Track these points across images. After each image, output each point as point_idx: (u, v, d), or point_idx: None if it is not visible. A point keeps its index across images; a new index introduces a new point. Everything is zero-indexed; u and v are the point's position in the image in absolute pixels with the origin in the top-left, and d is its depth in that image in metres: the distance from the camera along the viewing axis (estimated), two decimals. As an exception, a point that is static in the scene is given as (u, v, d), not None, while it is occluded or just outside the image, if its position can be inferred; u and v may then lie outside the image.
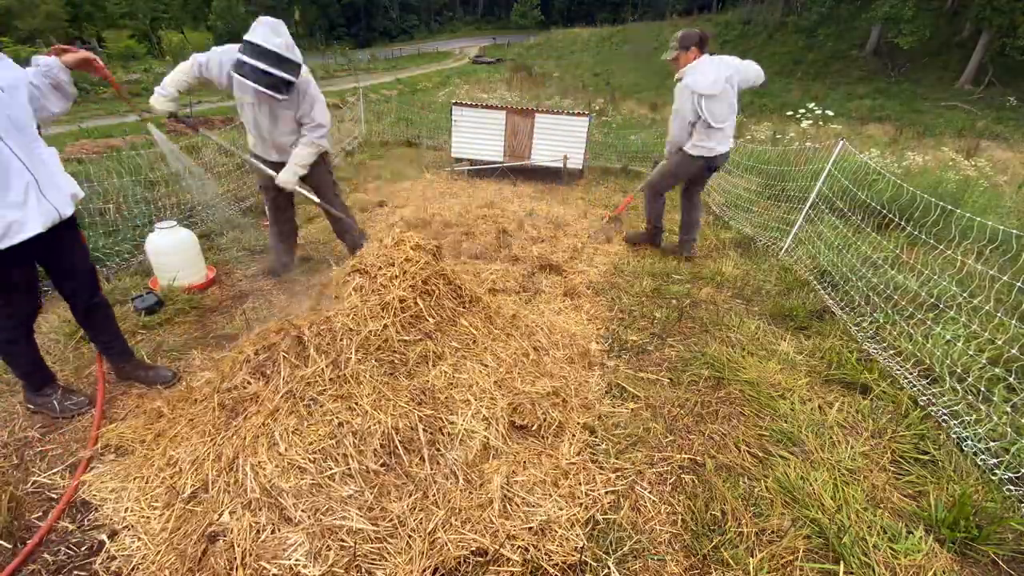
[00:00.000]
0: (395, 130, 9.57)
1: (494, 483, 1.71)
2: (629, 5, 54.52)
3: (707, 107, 3.44)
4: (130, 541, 1.56)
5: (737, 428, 2.21)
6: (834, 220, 4.08)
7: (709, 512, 1.77)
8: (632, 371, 2.58)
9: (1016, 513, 1.79)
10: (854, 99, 19.99)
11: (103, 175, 4.03)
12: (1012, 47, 19.30)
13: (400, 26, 55.13)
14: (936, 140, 12.94)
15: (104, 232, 3.65)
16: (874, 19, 22.85)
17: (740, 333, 2.97)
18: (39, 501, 1.73)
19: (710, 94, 3.42)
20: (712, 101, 3.44)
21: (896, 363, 2.64)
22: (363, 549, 1.47)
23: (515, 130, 6.71)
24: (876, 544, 1.64)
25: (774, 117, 15.05)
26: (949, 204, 3.11)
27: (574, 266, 3.92)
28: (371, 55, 34.21)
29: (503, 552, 1.54)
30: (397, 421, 1.77)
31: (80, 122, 10.13)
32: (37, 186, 1.75)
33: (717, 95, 3.43)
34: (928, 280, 2.98)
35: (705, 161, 3.68)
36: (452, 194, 6.03)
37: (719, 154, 3.65)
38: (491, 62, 32.72)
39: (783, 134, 10.03)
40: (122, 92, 2.72)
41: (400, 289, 2.09)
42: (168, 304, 3.00)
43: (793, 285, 3.60)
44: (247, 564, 1.44)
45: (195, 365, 2.51)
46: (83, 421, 2.11)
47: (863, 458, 2.04)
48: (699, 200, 4.06)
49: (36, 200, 1.75)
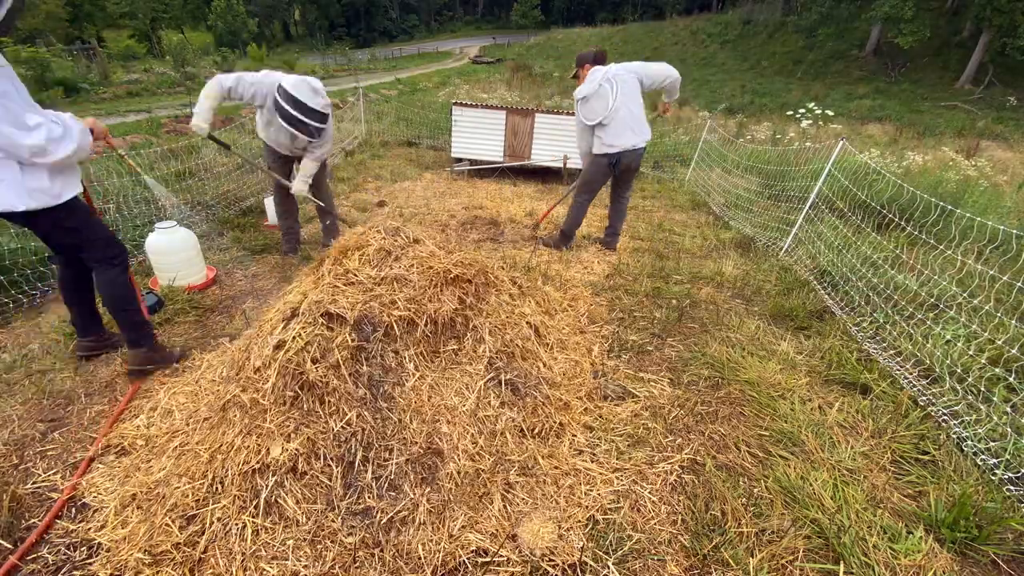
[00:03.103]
0: (395, 130, 9.57)
1: (495, 482, 1.71)
2: (629, 5, 54.51)
3: (584, 109, 3.74)
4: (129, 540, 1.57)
5: (737, 428, 2.21)
6: (834, 220, 4.08)
7: (709, 512, 1.77)
8: (632, 371, 2.58)
9: (1016, 513, 1.79)
10: (854, 99, 19.99)
11: (103, 175, 4.03)
12: (1012, 47, 19.29)
13: (400, 26, 55.16)
14: (936, 140, 12.94)
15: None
16: (874, 19, 22.85)
17: (740, 333, 2.97)
18: (39, 501, 1.73)
19: (584, 96, 3.72)
20: (588, 102, 3.71)
21: (896, 363, 2.64)
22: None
23: (515, 130, 6.71)
24: (876, 544, 1.64)
25: (774, 117, 15.06)
26: (949, 204, 3.11)
27: (573, 267, 3.92)
28: (371, 55, 34.23)
29: (503, 552, 1.55)
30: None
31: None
32: None
33: (591, 96, 3.69)
34: (928, 280, 2.98)
35: (608, 158, 3.80)
36: (452, 194, 6.03)
37: (622, 150, 3.73)
38: (491, 62, 32.72)
39: (783, 134, 10.03)
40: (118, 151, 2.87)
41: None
42: (168, 304, 3.00)
43: (793, 285, 3.60)
44: (246, 566, 1.45)
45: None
46: (83, 420, 2.11)
47: (863, 458, 2.04)
48: (625, 202, 4.19)
49: None
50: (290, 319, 1.86)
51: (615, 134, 3.71)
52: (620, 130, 3.70)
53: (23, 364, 2.44)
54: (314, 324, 1.81)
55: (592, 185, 4.04)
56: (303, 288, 2.02)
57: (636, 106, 3.73)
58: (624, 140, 3.72)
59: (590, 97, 3.69)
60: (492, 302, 2.24)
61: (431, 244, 2.24)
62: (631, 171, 3.97)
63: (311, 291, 1.94)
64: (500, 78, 22.06)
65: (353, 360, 1.78)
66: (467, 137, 6.82)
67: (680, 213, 5.73)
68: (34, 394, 2.23)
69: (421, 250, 2.16)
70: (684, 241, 4.65)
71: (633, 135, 3.73)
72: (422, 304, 1.96)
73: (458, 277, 2.13)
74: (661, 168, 8.02)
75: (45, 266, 3.19)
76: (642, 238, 4.72)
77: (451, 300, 2.05)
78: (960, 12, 24.09)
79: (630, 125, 3.71)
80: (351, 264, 2.05)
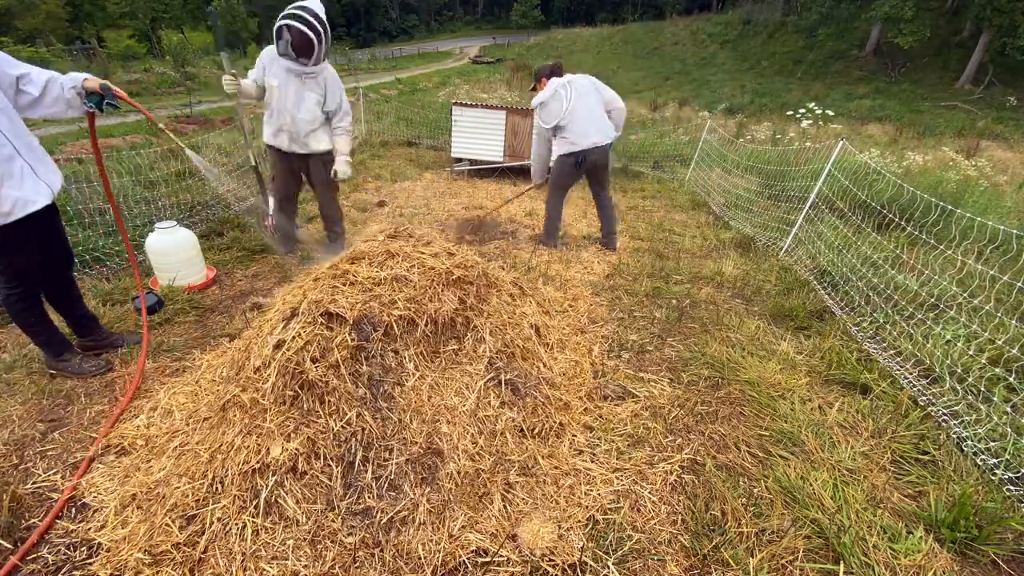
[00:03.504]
0: (395, 130, 9.57)
1: (495, 482, 1.71)
2: (629, 5, 54.51)
3: (542, 113, 3.93)
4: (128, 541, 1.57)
5: (737, 428, 2.21)
6: (834, 220, 4.08)
7: (709, 512, 1.77)
8: (632, 371, 2.58)
9: (1016, 513, 1.79)
10: (854, 99, 19.99)
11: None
12: (1012, 47, 19.29)
13: (400, 26, 55.15)
14: (936, 140, 12.94)
15: (104, 232, 3.65)
16: (874, 19, 22.84)
17: (740, 333, 2.97)
18: (39, 501, 1.73)
19: (541, 102, 3.92)
20: (545, 106, 3.90)
21: (896, 363, 2.64)
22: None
23: (515, 130, 6.71)
24: (876, 544, 1.64)
25: (774, 117, 15.06)
26: (949, 204, 3.11)
27: (573, 267, 3.92)
28: (371, 55, 34.19)
29: (503, 552, 1.55)
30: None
31: (80, 122, 10.13)
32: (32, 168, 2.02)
33: (548, 100, 3.88)
34: (928, 280, 2.98)
35: (573, 156, 3.91)
36: (452, 194, 6.03)
37: (586, 148, 3.84)
38: (491, 62, 32.72)
39: (783, 134, 10.03)
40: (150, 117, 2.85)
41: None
42: (168, 304, 3.00)
43: (793, 285, 3.60)
44: (246, 566, 1.45)
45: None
46: (83, 420, 2.11)
47: (863, 458, 2.04)
48: (607, 200, 4.26)
49: (33, 179, 2.02)
50: (290, 319, 1.86)
51: (577, 133, 3.84)
52: (582, 128, 3.83)
53: (23, 364, 2.44)
54: (314, 324, 1.81)
55: (560, 185, 4.17)
56: (303, 288, 2.02)
57: (595, 106, 3.87)
58: (587, 138, 3.83)
59: (547, 102, 3.89)
60: (493, 303, 2.24)
61: (438, 245, 2.24)
62: (600, 169, 4.05)
63: (311, 291, 1.94)
64: (500, 78, 22.06)
65: (353, 360, 1.78)
66: (467, 137, 6.82)
67: (680, 213, 5.73)
68: (34, 394, 2.23)
69: (425, 251, 2.16)
70: (684, 241, 4.65)
71: (596, 133, 3.84)
72: (422, 304, 1.96)
73: (460, 279, 2.13)
74: (661, 168, 8.02)
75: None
76: (642, 238, 4.72)
77: (451, 300, 2.05)
78: (960, 12, 24.08)
79: (591, 123, 3.83)
80: (353, 265, 2.05)
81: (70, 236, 3.50)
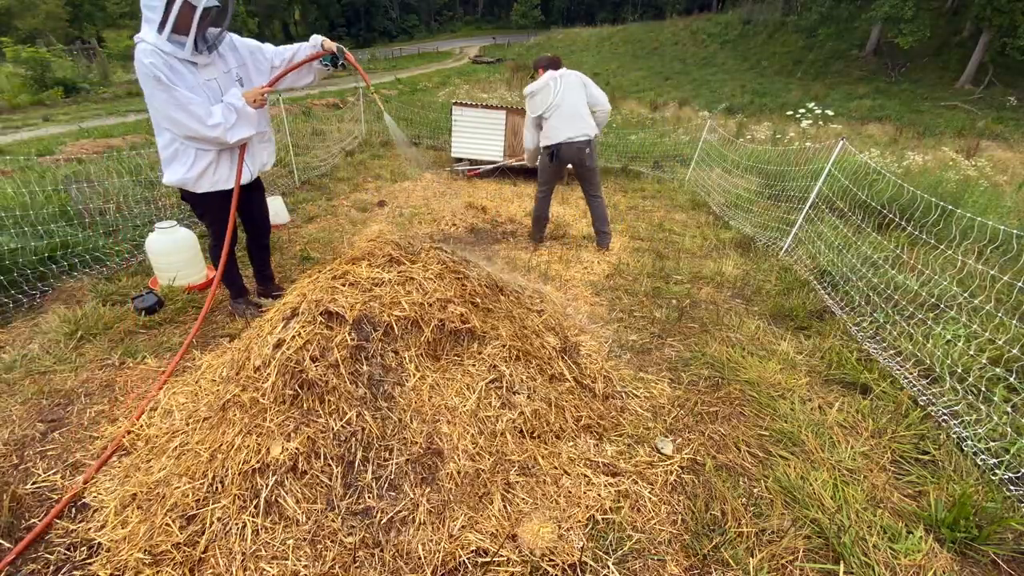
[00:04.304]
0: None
1: (495, 482, 1.71)
2: (629, 5, 54.51)
3: (531, 103, 4.00)
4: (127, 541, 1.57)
5: (737, 428, 2.21)
6: (834, 220, 4.08)
7: (709, 512, 1.77)
8: (632, 371, 2.58)
9: (1016, 513, 1.79)
10: (854, 99, 20.00)
11: (103, 175, 4.03)
12: (1012, 47, 19.30)
13: (400, 26, 55.16)
14: (936, 140, 12.95)
15: (104, 232, 3.65)
16: (874, 19, 22.85)
17: (740, 333, 2.97)
18: (39, 501, 1.73)
19: (532, 92, 3.99)
20: (534, 96, 3.97)
21: (896, 363, 2.64)
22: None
23: (515, 130, 6.71)
24: (876, 544, 1.64)
25: (774, 117, 15.07)
26: (949, 204, 3.11)
27: (573, 267, 3.92)
28: (371, 55, 34.21)
29: (503, 552, 1.55)
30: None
31: (80, 122, 10.13)
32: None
33: (538, 91, 3.95)
34: (928, 280, 2.98)
35: (548, 150, 4.01)
36: (452, 194, 6.03)
37: (558, 142, 3.91)
38: (491, 62, 32.70)
39: (783, 134, 10.03)
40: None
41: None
42: (168, 304, 3.00)
43: (793, 285, 3.60)
44: (246, 566, 1.44)
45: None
46: (83, 420, 2.11)
47: (863, 458, 2.04)
48: (596, 201, 4.26)
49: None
50: (290, 318, 1.86)
51: (554, 127, 3.92)
52: (559, 123, 3.90)
53: (23, 364, 2.44)
54: (313, 323, 1.81)
55: (543, 179, 4.23)
56: (303, 288, 2.02)
57: (579, 103, 3.91)
58: (561, 133, 3.89)
59: (537, 92, 3.96)
60: (502, 304, 2.24)
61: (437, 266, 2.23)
62: (583, 167, 4.06)
63: (310, 291, 1.94)
64: (500, 78, 22.04)
65: (352, 359, 1.78)
66: (467, 137, 6.82)
67: (680, 213, 5.73)
68: (34, 394, 2.23)
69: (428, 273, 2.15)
70: (684, 241, 4.65)
71: (570, 128, 3.88)
72: (426, 308, 1.96)
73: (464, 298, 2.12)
74: (661, 168, 8.02)
75: (45, 266, 3.19)
76: (642, 238, 4.71)
77: (457, 305, 2.05)
78: (960, 12, 24.09)
79: (570, 119, 3.89)
80: (355, 267, 2.05)
81: (70, 236, 3.51)
